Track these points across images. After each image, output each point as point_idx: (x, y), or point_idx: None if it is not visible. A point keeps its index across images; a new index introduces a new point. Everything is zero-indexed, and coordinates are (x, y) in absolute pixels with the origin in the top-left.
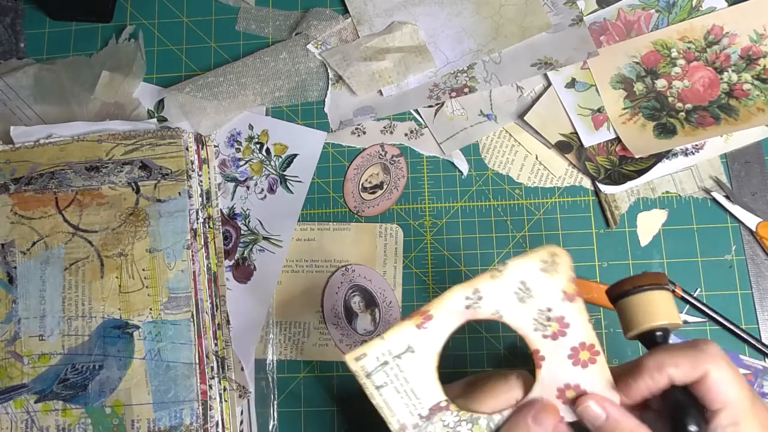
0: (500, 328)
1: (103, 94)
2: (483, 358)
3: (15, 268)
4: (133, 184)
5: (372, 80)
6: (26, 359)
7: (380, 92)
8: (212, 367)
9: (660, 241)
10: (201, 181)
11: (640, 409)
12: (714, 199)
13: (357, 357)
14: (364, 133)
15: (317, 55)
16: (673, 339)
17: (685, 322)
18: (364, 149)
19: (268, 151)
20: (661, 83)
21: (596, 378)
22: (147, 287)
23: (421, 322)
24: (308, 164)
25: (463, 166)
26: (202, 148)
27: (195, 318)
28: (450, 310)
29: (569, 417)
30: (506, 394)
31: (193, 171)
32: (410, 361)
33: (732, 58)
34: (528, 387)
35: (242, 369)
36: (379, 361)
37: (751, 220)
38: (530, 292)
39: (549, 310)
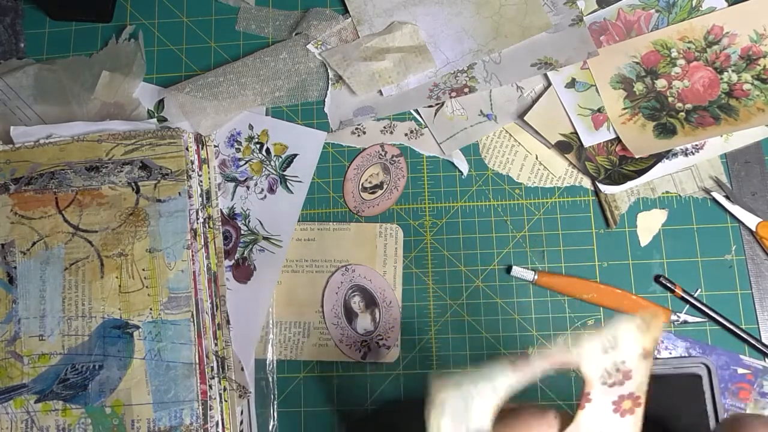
0: (500, 329)
1: (103, 94)
2: (483, 358)
3: (15, 268)
4: (133, 184)
5: (372, 80)
6: (26, 359)
7: (380, 92)
8: (212, 367)
9: (660, 241)
10: (201, 181)
11: None
12: (714, 199)
13: (447, 385)
14: (364, 133)
15: (317, 55)
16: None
17: (685, 322)
18: (364, 149)
19: (268, 151)
20: (661, 83)
21: (629, 429)
22: (147, 287)
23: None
24: (308, 164)
25: (463, 166)
26: (202, 148)
27: (195, 318)
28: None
29: None
30: (541, 430)
31: (193, 171)
32: (485, 394)
33: (732, 58)
34: (564, 426)
35: (242, 369)
36: (461, 391)
37: (751, 220)
38: (616, 345)
39: (623, 362)
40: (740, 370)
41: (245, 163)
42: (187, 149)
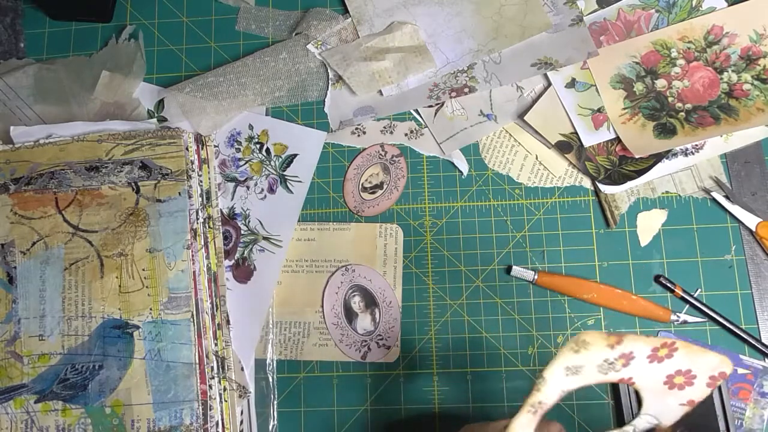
0: (500, 329)
1: (103, 94)
2: (483, 358)
3: (15, 268)
4: (133, 184)
5: (372, 80)
6: (26, 359)
7: (380, 92)
8: (212, 367)
9: (660, 241)
10: (201, 181)
11: None
12: (714, 199)
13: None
14: (364, 133)
15: (317, 55)
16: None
17: (685, 322)
18: (364, 149)
19: (268, 151)
20: (661, 83)
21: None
22: (147, 287)
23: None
24: (308, 164)
25: (463, 166)
26: (202, 148)
27: (195, 318)
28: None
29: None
30: None
31: (193, 171)
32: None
33: (732, 58)
34: None
35: (242, 369)
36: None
37: (751, 220)
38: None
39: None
40: (740, 370)
41: (245, 163)
42: (187, 149)
